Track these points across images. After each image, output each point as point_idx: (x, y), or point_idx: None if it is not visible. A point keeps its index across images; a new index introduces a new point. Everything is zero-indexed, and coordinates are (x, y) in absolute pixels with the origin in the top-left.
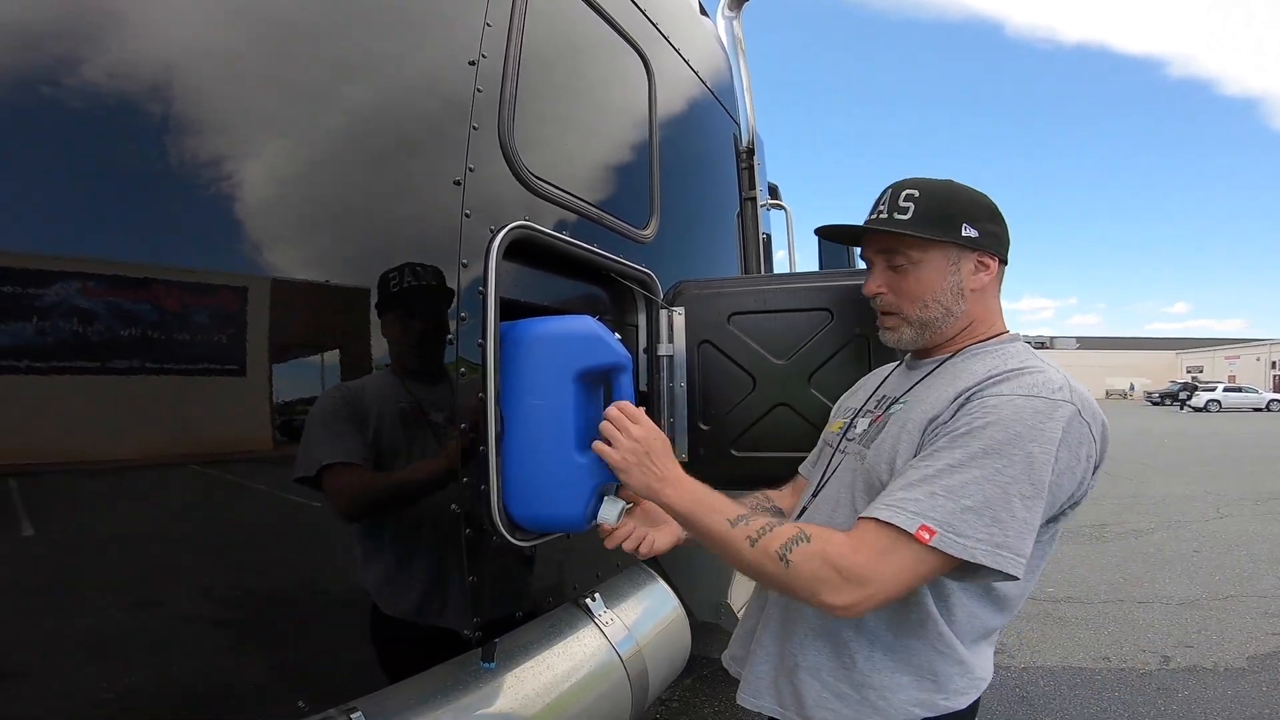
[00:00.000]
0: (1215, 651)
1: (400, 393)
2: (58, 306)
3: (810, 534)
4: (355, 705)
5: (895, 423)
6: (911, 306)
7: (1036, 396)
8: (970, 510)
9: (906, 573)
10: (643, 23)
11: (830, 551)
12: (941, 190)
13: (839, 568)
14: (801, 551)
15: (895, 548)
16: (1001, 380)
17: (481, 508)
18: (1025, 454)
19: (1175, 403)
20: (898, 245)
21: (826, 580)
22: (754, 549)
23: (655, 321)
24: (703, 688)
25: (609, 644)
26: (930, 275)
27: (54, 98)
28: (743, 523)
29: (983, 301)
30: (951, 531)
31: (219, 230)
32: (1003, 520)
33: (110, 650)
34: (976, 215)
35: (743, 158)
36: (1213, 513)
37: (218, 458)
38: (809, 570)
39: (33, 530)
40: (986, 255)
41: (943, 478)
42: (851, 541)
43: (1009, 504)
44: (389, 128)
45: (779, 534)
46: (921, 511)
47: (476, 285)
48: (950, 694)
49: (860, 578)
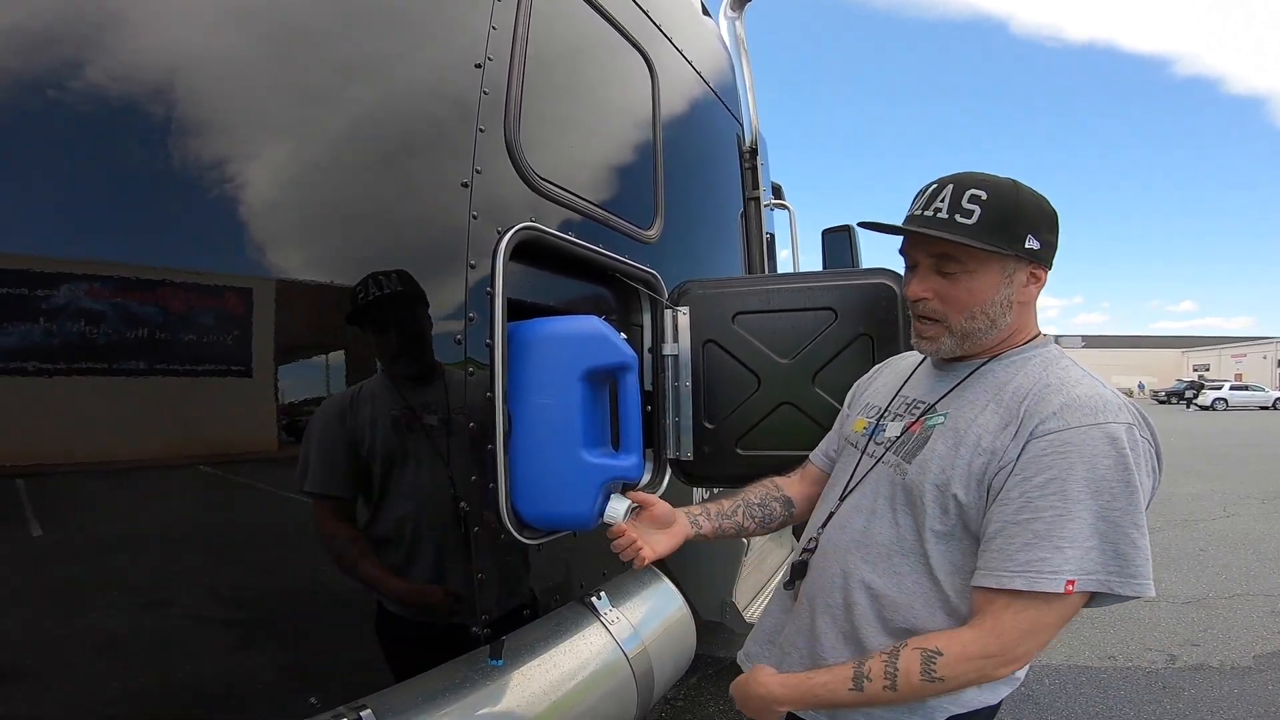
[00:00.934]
0: (1222, 650)
1: (409, 393)
2: (72, 308)
3: (937, 646)
4: (364, 702)
5: (940, 440)
6: (958, 316)
7: (1102, 424)
8: (1094, 550)
9: (1055, 626)
10: (645, 24)
11: (973, 650)
12: (1009, 194)
13: (990, 654)
14: (947, 666)
15: (1039, 610)
16: (1060, 411)
17: (490, 506)
18: (1123, 484)
19: (1182, 402)
20: (955, 251)
21: (984, 669)
22: (900, 691)
23: (660, 321)
24: (708, 686)
25: (615, 642)
26: (984, 286)
27: (66, 101)
28: (865, 680)
29: (1026, 313)
30: (1087, 574)
31: (228, 232)
32: (1125, 553)
33: (132, 649)
34: (1040, 225)
35: (746, 157)
36: (1220, 511)
37: (229, 458)
38: (966, 673)
39: (40, 531)
40: (1040, 268)
41: (1058, 529)
42: (988, 625)
43: (1128, 535)
44: (398, 131)
45: (908, 668)
46: (1058, 569)
47: (484, 286)
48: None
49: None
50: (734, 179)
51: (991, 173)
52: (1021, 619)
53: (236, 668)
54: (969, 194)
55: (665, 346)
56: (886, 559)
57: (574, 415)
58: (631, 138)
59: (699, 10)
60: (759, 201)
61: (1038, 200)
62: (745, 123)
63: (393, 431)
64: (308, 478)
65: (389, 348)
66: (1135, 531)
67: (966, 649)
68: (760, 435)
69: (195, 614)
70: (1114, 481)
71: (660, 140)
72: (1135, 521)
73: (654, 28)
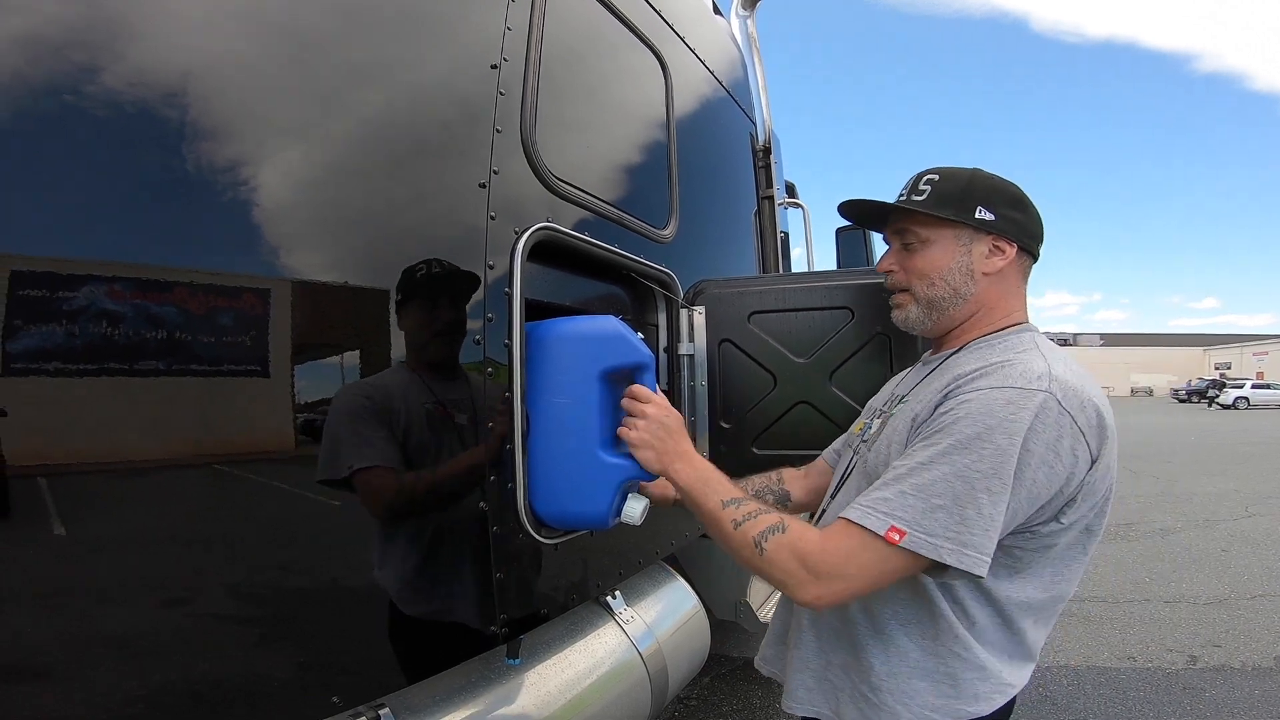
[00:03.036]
0: (1244, 651)
1: (428, 392)
2: (95, 309)
3: (788, 526)
4: (384, 702)
5: (894, 421)
6: (919, 284)
7: (1009, 387)
8: (940, 509)
9: (872, 572)
10: (658, 23)
11: (801, 547)
12: (962, 175)
13: (807, 563)
14: (776, 542)
15: (864, 548)
16: (981, 375)
17: (509, 506)
18: (994, 447)
19: (1203, 400)
20: (909, 224)
21: (794, 574)
22: (737, 532)
23: (676, 321)
24: (721, 686)
25: (629, 641)
26: (938, 254)
27: (89, 105)
28: (734, 505)
29: (997, 287)
30: (922, 531)
31: (250, 234)
32: (969, 518)
33: (156, 648)
34: (993, 200)
35: (759, 156)
36: (1241, 511)
37: (249, 458)
38: (780, 561)
39: (63, 530)
40: (1003, 240)
41: (913, 476)
42: (823, 539)
43: (975, 500)
44: (416, 132)
45: (761, 521)
46: (891, 512)
47: (502, 286)
48: (970, 699)
49: (826, 575)
50: (748, 178)
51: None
52: (847, 545)
53: (262, 669)
54: (925, 178)
55: (681, 346)
56: None
57: (593, 415)
58: (646, 137)
59: (710, 8)
60: (773, 200)
61: (993, 180)
62: (758, 121)
63: (412, 430)
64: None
65: (408, 347)
66: (986, 497)
67: (798, 542)
68: (777, 435)
69: (219, 614)
70: (986, 443)
71: (674, 140)
72: (990, 487)
73: (666, 27)
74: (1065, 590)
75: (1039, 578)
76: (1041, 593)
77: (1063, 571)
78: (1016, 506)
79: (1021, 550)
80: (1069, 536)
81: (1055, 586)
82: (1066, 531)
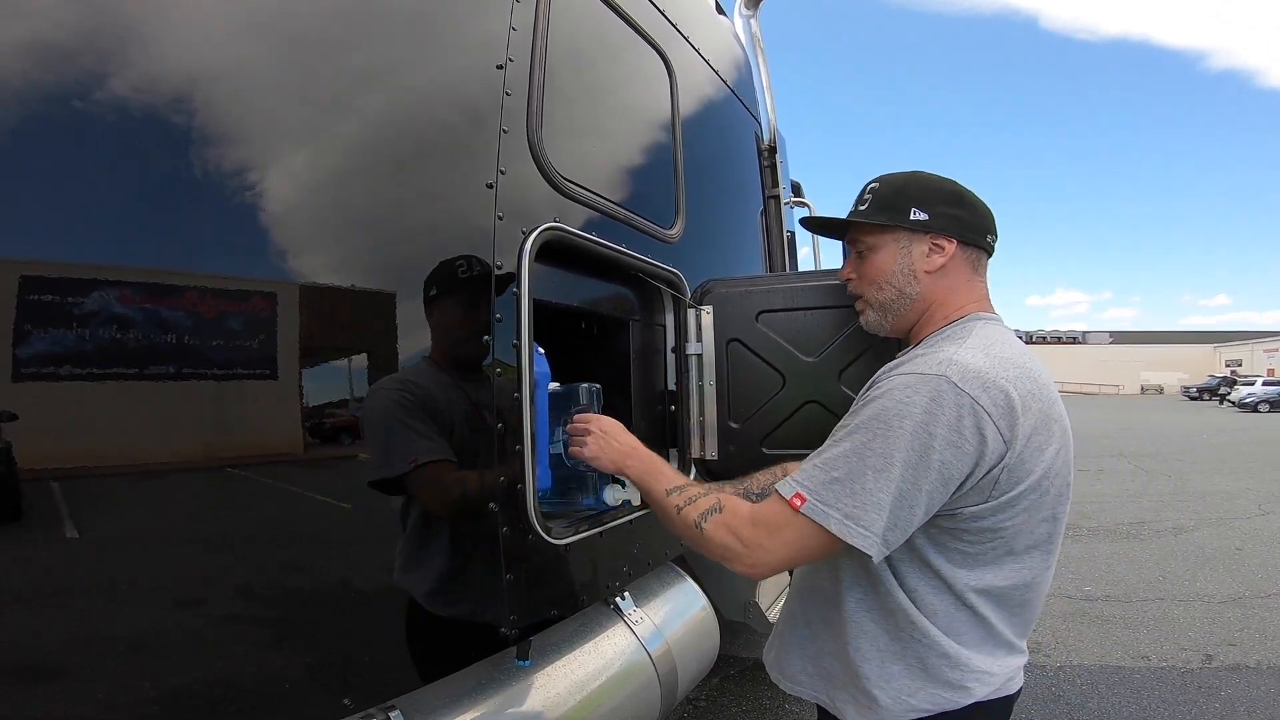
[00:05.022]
0: (1259, 649)
1: (437, 394)
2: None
3: (724, 505)
4: (395, 703)
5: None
6: (869, 289)
7: (913, 374)
8: (836, 481)
9: (791, 542)
10: (662, 23)
11: (733, 523)
12: (897, 180)
13: (740, 537)
14: (714, 521)
15: (782, 518)
16: (898, 365)
17: (518, 506)
18: (886, 427)
19: (1214, 398)
20: (857, 234)
21: (729, 547)
22: (679, 516)
23: (683, 320)
24: (731, 687)
25: (638, 642)
26: (883, 259)
27: (98, 111)
28: (676, 493)
29: (943, 283)
30: (818, 500)
31: (258, 236)
32: (857, 493)
33: (167, 650)
34: (928, 200)
35: (765, 155)
36: (1255, 509)
37: (260, 460)
38: (718, 538)
39: (76, 533)
40: (941, 237)
41: (824, 453)
42: (753, 513)
43: (864, 476)
44: (422, 134)
45: (701, 504)
46: (800, 481)
47: (510, 286)
48: (944, 686)
49: (753, 545)
50: (753, 177)
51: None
52: (770, 518)
53: (274, 671)
54: (869, 187)
55: (689, 346)
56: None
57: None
58: (651, 137)
59: (713, 8)
60: (779, 199)
61: (929, 180)
62: (763, 120)
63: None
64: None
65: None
66: (871, 475)
67: (732, 519)
68: (786, 434)
69: (231, 615)
70: (881, 423)
71: (680, 139)
72: (877, 466)
73: (671, 27)
74: (1031, 579)
75: (998, 566)
76: (1003, 580)
77: (1024, 559)
78: (930, 489)
79: (970, 535)
80: (1015, 521)
81: (1018, 574)
82: (1009, 515)
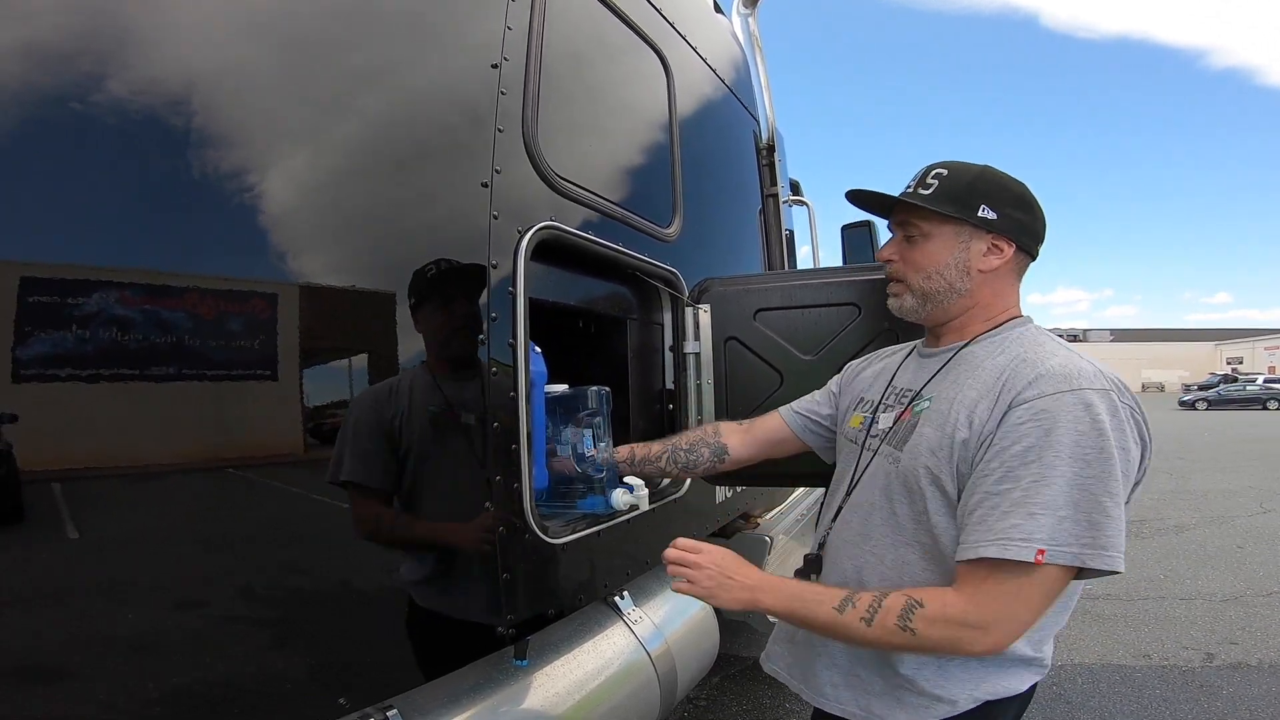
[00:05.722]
0: (1261, 648)
1: (434, 393)
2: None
3: (922, 598)
4: (391, 703)
5: (927, 424)
6: (915, 276)
7: (1077, 390)
8: (1067, 519)
9: (1036, 600)
10: (659, 22)
11: (952, 612)
12: (970, 172)
13: (968, 623)
14: (923, 619)
15: (1016, 581)
16: (1034, 380)
17: (514, 506)
18: (1097, 450)
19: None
20: (913, 217)
21: (960, 638)
22: (872, 628)
23: (681, 319)
24: (731, 686)
25: (638, 642)
26: (937, 249)
27: (96, 112)
28: (849, 606)
29: (993, 285)
30: (1058, 545)
31: (253, 237)
32: (1098, 522)
33: (161, 650)
34: (998, 199)
35: (763, 154)
36: (1256, 507)
37: (255, 461)
38: (939, 634)
39: (77, 534)
40: (1003, 239)
41: (1034, 495)
42: (968, 592)
43: (1100, 504)
44: (417, 133)
45: (890, 607)
46: (1029, 536)
47: (506, 285)
48: (1011, 676)
49: (995, 621)
50: (752, 176)
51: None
52: (1001, 589)
53: (269, 670)
54: (934, 172)
55: (686, 344)
56: (893, 550)
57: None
58: (649, 136)
59: (711, 7)
60: (777, 198)
61: (1001, 178)
62: (761, 119)
63: (418, 430)
64: (342, 467)
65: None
66: (1108, 500)
67: (947, 609)
68: None
69: (226, 615)
70: (1088, 448)
71: (677, 138)
72: (1109, 489)
73: (668, 26)
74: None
75: None
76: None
77: None
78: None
79: None
80: None
81: None
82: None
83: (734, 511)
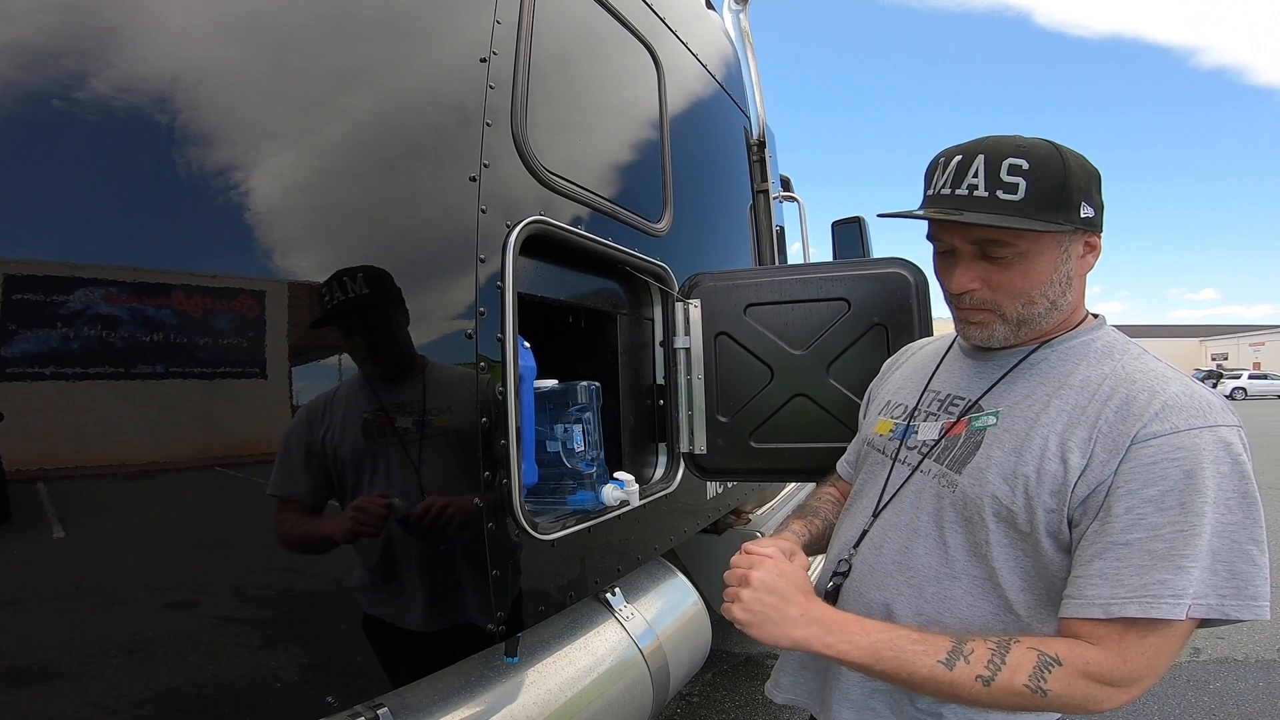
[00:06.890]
0: (1247, 643)
1: (420, 390)
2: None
3: (1058, 654)
4: (381, 701)
5: (996, 445)
6: (1013, 303)
7: (1213, 427)
8: (1211, 570)
9: (1177, 650)
10: (650, 17)
11: (1094, 670)
12: (1053, 159)
13: (1113, 681)
14: (1059, 679)
15: (1160, 635)
16: (1161, 412)
17: (503, 502)
18: (1239, 495)
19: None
20: (1003, 234)
21: (1098, 697)
22: (991, 689)
23: (671, 314)
24: (724, 682)
25: (630, 638)
26: (1040, 268)
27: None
28: (962, 660)
29: (1082, 286)
30: (1203, 599)
31: (240, 234)
32: (1244, 572)
33: (149, 650)
34: (1091, 189)
35: (754, 150)
36: None
37: (243, 460)
38: (1078, 693)
39: (62, 533)
40: (1095, 234)
41: (1180, 548)
42: (1110, 649)
43: (1246, 553)
44: (405, 127)
45: (1019, 665)
46: (1179, 593)
47: (494, 280)
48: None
49: (1135, 679)
50: (742, 172)
51: (1014, 133)
52: (1144, 644)
53: (254, 669)
54: (1008, 164)
55: (677, 339)
56: (935, 583)
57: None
58: (639, 131)
59: (703, 3)
60: (768, 194)
61: (1080, 160)
62: (752, 115)
63: (408, 428)
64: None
65: (402, 344)
66: (1254, 548)
67: (1090, 667)
68: (774, 428)
69: (211, 615)
70: (1230, 493)
71: (668, 133)
72: (1254, 537)
73: (658, 21)
74: None
75: None
76: None
77: None
78: None
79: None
80: None
81: None
82: None
83: (725, 507)
